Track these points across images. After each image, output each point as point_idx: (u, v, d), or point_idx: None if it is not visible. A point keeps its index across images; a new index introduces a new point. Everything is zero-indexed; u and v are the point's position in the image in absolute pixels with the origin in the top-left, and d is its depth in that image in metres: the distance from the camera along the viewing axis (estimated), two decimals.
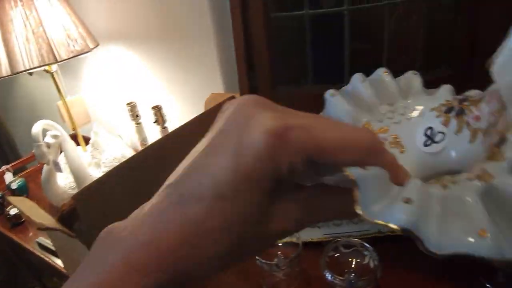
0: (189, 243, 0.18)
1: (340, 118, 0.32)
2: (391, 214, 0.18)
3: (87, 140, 1.28)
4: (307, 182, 0.21)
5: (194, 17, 1.03)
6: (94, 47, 1.15)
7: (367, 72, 0.65)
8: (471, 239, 0.17)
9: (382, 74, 0.33)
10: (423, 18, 0.60)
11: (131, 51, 1.26)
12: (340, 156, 0.18)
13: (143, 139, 1.27)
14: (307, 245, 0.75)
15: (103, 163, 1.22)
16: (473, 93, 0.28)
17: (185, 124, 0.94)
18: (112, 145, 1.25)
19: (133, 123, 1.24)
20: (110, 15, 1.25)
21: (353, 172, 0.18)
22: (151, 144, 0.92)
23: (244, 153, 0.18)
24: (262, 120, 0.18)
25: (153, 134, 1.25)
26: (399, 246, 0.73)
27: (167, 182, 0.20)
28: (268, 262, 0.64)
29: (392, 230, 0.17)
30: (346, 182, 0.19)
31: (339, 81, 0.64)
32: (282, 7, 0.61)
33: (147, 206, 0.20)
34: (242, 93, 0.69)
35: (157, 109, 1.15)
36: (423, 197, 0.18)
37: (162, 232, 0.18)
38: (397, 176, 0.19)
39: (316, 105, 0.68)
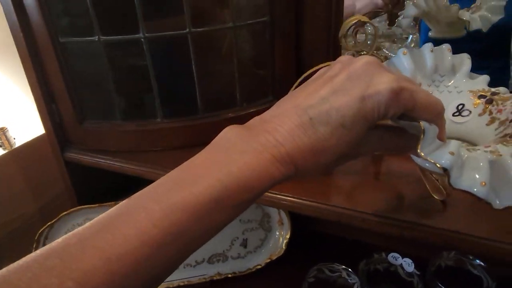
0: (315, 152, 0.26)
1: (401, 71, 0.39)
2: (440, 157, 0.26)
3: None
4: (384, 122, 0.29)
5: None
6: None
7: (182, 109, 0.58)
8: (476, 186, 0.26)
9: (446, 49, 0.39)
10: (236, 47, 0.54)
11: None
12: (424, 114, 0.27)
13: None
14: None
15: None
16: (503, 90, 0.38)
17: (26, 143, 0.83)
18: None
19: None
20: None
21: (423, 123, 0.27)
22: None
23: (368, 99, 0.25)
24: (386, 79, 0.26)
25: None
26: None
27: (292, 104, 0.27)
28: None
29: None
30: (414, 128, 0.28)
31: (152, 117, 0.56)
32: (73, 32, 0.52)
33: (276, 115, 0.27)
34: (45, 129, 0.58)
35: (1, 132, 1.00)
36: (459, 153, 0.27)
37: (297, 140, 0.25)
38: (442, 134, 0.28)
39: (128, 143, 0.60)
